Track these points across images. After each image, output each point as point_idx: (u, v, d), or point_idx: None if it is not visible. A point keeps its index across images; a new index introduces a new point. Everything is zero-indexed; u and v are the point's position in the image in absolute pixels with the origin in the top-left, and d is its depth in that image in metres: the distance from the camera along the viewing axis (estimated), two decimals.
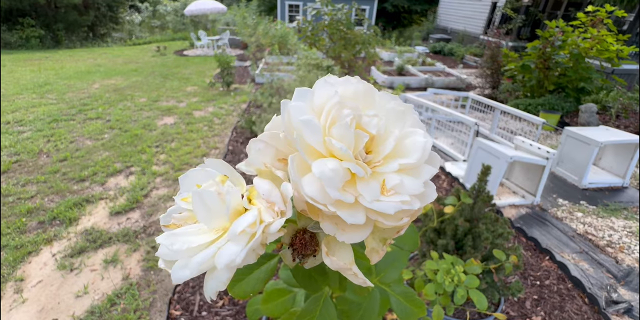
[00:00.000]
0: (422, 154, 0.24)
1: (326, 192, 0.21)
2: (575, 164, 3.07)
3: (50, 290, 1.87)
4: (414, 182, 0.23)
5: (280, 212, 0.23)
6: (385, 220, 0.22)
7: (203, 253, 0.22)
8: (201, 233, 0.24)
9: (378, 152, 0.24)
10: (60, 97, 5.30)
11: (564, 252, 2.22)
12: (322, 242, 0.25)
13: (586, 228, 2.48)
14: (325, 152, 0.23)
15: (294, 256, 0.29)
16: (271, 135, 0.26)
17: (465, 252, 1.57)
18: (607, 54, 4.59)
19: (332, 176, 0.22)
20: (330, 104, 0.24)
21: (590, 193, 2.98)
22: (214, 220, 0.24)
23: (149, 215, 2.56)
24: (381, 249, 0.26)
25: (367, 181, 0.23)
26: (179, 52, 10.53)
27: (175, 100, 5.41)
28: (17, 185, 2.87)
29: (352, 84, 0.26)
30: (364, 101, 0.26)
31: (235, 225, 0.22)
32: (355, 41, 4.87)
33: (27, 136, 3.84)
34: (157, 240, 0.24)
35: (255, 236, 0.22)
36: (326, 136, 0.23)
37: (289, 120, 0.24)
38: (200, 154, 3.59)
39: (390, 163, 0.23)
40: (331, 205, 0.22)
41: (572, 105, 4.81)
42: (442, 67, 7.92)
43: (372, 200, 0.22)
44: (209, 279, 0.23)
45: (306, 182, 0.22)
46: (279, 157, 0.25)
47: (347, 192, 0.22)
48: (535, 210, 2.70)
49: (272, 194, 0.24)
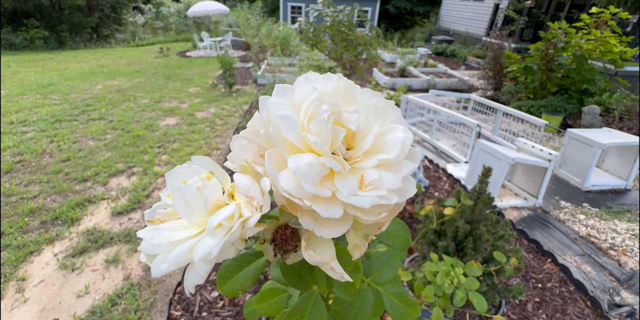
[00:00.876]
0: (401, 149, 0.24)
1: (302, 186, 0.21)
2: (578, 166, 3.05)
3: (52, 290, 1.88)
4: (392, 177, 0.23)
5: (259, 207, 0.23)
6: (363, 215, 0.22)
7: (181, 247, 0.22)
8: (183, 228, 0.24)
9: (358, 148, 0.24)
10: (64, 98, 5.34)
11: (566, 255, 2.21)
12: (303, 237, 0.25)
13: (589, 230, 2.47)
14: (303, 148, 0.23)
15: (275, 251, 0.29)
16: (253, 131, 0.26)
17: (466, 254, 1.56)
18: (611, 55, 4.57)
19: (308, 171, 0.22)
20: (309, 100, 0.24)
21: (593, 195, 2.96)
22: (193, 215, 0.24)
23: None
24: (363, 245, 0.26)
25: (345, 176, 0.23)
26: (182, 53, 10.59)
27: (178, 101, 5.43)
28: (20, 185, 2.89)
29: (332, 81, 0.26)
30: (345, 98, 0.26)
31: (212, 219, 0.22)
32: (357, 43, 4.88)
33: (31, 136, 3.86)
34: (139, 235, 0.24)
35: (232, 230, 0.22)
36: (304, 131, 0.23)
37: (267, 116, 0.24)
38: (202, 154, 3.55)
39: (370, 159, 0.23)
40: (307, 200, 0.22)
41: (574, 107, 4.79)
42: (444, 69, 7.91)
43: (348, 194, 0.22)
44: (188, 273, 0.23)
45: (282, 177, 0.22)
46: (261, 154, 0.25)
47: (325, 186, 0.22)
48: (537, 213, 2.69)
49: (251, 189, 0.24)
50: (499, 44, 6.16)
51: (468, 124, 3.36)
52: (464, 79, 6.93)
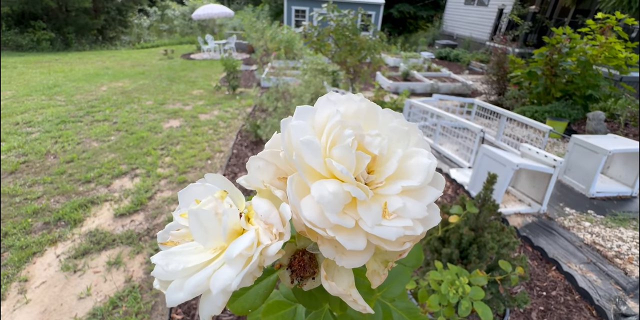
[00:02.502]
0: (426, 176, 0.23)
1: (325, 216, 0.21)
2: (583, 172, 3.03)
3: (54, 292, 1.87)
4: (417, 205, 0.22)
5: (278, 234, 0.23)
6: (386, 245, 0.22)
7: (198, 275, 0.21)
8: (198, 252, 0.24)
9: (380, 173, 0.23)
10: (69, 99, 5.37)
11: (571, 263, 2.18)
12: (322, 265, 0.25)
13: (594, 238, 2.44)
14: (325, 173, 0.23)
15: (292, 278, 0.28)
16: (271, 153, 0.25)
17: (470, 261, 1.55)
18: (616, 61, 4.55)
19: (332, 200, 0.21)
20: (332, 124, 0.23)
21: (598, 202, 2.93)
22: (210, 240, 0.23)
23: (152, 218, 2.57)
24: (382, 271, 0.25)
25: (369, 204, 0.22)
26: (186, 55, 10.64)
27: (182, 103, 5.45)
28: (24, 186, 2.90)
29: (354, 103, 0.25)
30: (367, 120, 0.25)
31: (231, 249, 0.22)
32: (361, 47, 4.89)
33: (35, 137, 3.88)
34: (153, 260, 0.24)
35: (252, 260, 0.21)
36: (327, 157, 0.22)
37: (289, 140, 0.23)
38: (205, 157, 3.60)
39: (393, 185, 0.23)
40: (330, 230, 0.21)
41: (579, 112, 4.77)
42: (448, 73, 7.90)
43: (373, 225, 0.21)
44: (204, 301, 0.23)
45: (305, 205, 0.21)
46: (279, 176, 0.25)
47: (348, 215, 0.22)
48: (541, 219, 2.67)
49: (270, 215, 0.23)
50: (502, 48, 6.15)
51: (471, 128, 3.35)
52: (467, 84, 6.92)
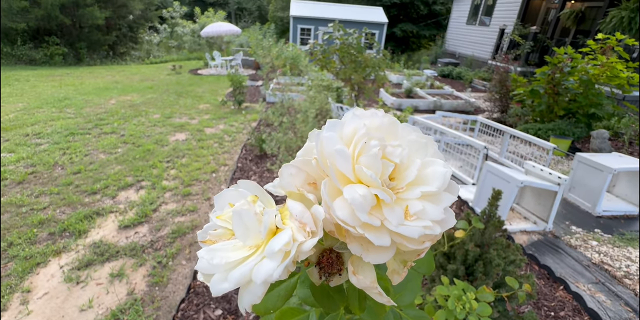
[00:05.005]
0: (442, 182, 0.25)
1: (356, 215, 0.23)
2: (588, 190, 3.02)
3: (56, 303, 1.87)
4: (435, 208, 0.24)
5: (311, 232, 0.25)
6: (408, 243, 0.24)
7: (241, 268, 0.24)
8: (236, 249, 0.26)
9: (401, 179, 0.26)
10: (78, 112, 5.48)
11: (579, 282, 2.15)
12: (348, 261, 0.27)
13: (602, 257, 2.41)
14: (353, 179, 0.25)
15: (320, 274, 0.30)
16: (303, 161, 0.28)
17: (476, 278, 1.53)
18: (618, 80, 4.61)
19: (362, 201, 0.24)
20: (359, 135, 0.26)
21: (604, 221, 2.91)
22: (250, 237, 0.26)
23: (156, 230, 2.57)
24: (402, 270, 0.27)
25: (392, 207, 0.25)
26: (194, 71, 10.88)
27: (188, 117, 5.54)
28: (31, 196, 2.93)
29: (378, 117, 0.28)
30: (388, 132, 0.28)
31: (272, 244, 0.24)
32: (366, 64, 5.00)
33: (44, 148, 3.94)
34: (198, 254, 0.26)
35: (290, 254, 0.24)
36: (355, 164, 0.25)
37: (322, 149, 0.26)
38: (209, 170, 3.63)
39: (413, 190, 0.25)
40: (359, 228, 0.23)
41: (583, 130, 4.79)
42: (451, 91, 8.01)
43: (397, 224, 0.23)
44: (244, 292, 0.25)
45: (337, 206, 0.24)
46: (309, 182, 0.27)
47: (374, 216, 0.24)
48: (547, 237, 2.64)
49: (304, 216, 0.25)
50: (505, 67, 6.25)
51: (475, 145, 3.37)
52: (470, 101, 7.00)
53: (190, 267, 2.20)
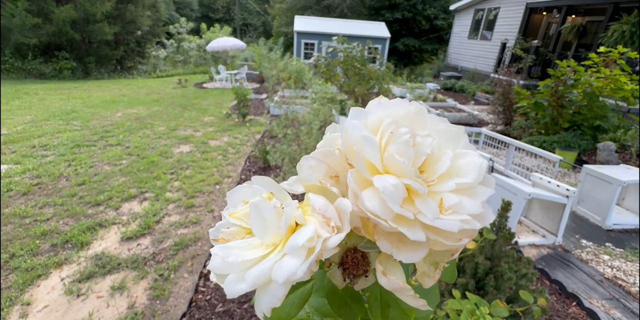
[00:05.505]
0: (478, 173, 0.24)
1: (387, 206, 0.21)
2: (597, 203, 2.97)
3: (55, 316, 1.82)
4: (472, 202, 0.22)
5: (336, 228, 0.23)
6: (445, 239, 0.22)
7: (260, 266, 0.21)
8: (252, 248, 0.24)
9: (431, 172, 0.24)
10: (85, 124, 5.54)
11: (592, 298, 2.08)
12: (377, 261, 0.24)
13: (615, 272, 2.34)
14: (381, 169, 0.23)
15: (344, 276, 0.28)
16: (325, 152, 0.26)
17: (487, 292, 1.48)
18: (622, 93, 4.61)
19: (394, 191, 0.22)
20: (387, 123, 0.24)
21: (615, 234, 2.84)
22: (268, 234, 0.24)
23: (159, 242, 2.54)
24: (433, 273, 0.25)
25: (425, 199, 0.23)
26: (199, 84, 11.03)
27: (192, 130, 5.57)
28: (35, 207, 2.92)
29: (404, 106, 0.27)
30: (416, 122, 0.26)
31: (295, 239, 0.22)
32: (370, 77, 5.05)
33: (50, 160, 3.96)
34: (212, 251, 0.24)
35: (314, 251, 0.22)
36: (385, 153, 0.23)
37: (347, 137, 0.24)
38: (213, 182, 3.62)
39: (446, 182, 0.23)
40: (392, 221, 0.21)
41: (589, 143, 4.76)
42: (454, 103, 8.03)
43: (433, 217, 0.21)
44: (263, 294, 0.22)
45: (367, 197, 0.22)
46: (330, 174, 0.26)
47: (406, 209, 0.22)
48: (557, 251, 2.58)
49: (328, 210, 0.23)
50: (507, 80, 6.29)
51: None
52: (473, 114, 7.01)
53: (193, 280, 2.16)
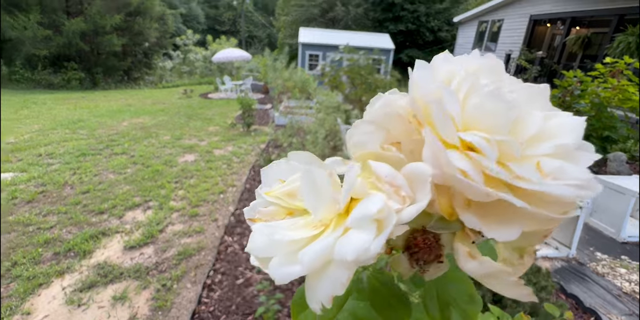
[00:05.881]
0: (578, 134, 0.20)
1: (482, 166, 0.17)
2: (611, 214, 2.89)
3: None
4: (575, 167, 0.19)
5: (408, 198, 0.19)
6: (548, 210, 0.18)
7: (318, 243, 0.17)
8: (296, 228, 0.20)
9: (518, 132, 0.20)
10: (91, 133, 5.56)
11: (611, 314, 1.99)
12: (456, 242, 0.20)
13: (633, 286, 2.25)
14: (461, 126, 0.20)
15: (411, 262, 0.23)
16: (386, 113, 0.22)
17: (506, 306, 1.42)
18: (631, 103, 4.57)
19: (488, 147, 0.18)
20: (461, 76, 0.21)
21: (630, 247, 2.75)
22: (321, 207, 0.19)
23: (162, 251, 2.49)
24: (517, 260, 0.21)
25: (520, 162, 0.19)
26: (204, 95, 11.13)
27: (197, 139, 5.58)
28: (39, 215, 2.89)
29: (475, 59, 0.23)
30: (491, 78, 0.23)
31: (363, 208, 0.18)
32: (376, 86, 5.06)
33: (55, 168, 3.96)
34: (253, 228, 0.20)
35: (386, 224, 0.17)
36: (465, 106, 0.20)
37: (416, 91, 0.21)
38: (217, 191, 3.58)
39: (539, 145, 0.20)
40: (484, 184, 0.17)
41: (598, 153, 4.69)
42: None
43: (539, 181, 0.18)
44: (319, 280, 0.18)
45: (454, 156, 0.18)
46: (391, 141, 0.22)
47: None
48: (571, 264, 2.49)
49: (397, 177, 0.19)
50: None
51: None
52: None
53: (196, 290, 2.10)
